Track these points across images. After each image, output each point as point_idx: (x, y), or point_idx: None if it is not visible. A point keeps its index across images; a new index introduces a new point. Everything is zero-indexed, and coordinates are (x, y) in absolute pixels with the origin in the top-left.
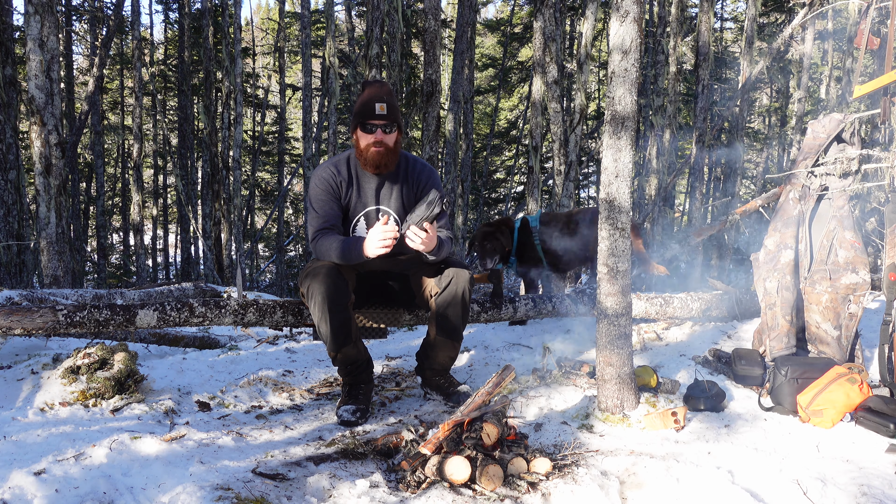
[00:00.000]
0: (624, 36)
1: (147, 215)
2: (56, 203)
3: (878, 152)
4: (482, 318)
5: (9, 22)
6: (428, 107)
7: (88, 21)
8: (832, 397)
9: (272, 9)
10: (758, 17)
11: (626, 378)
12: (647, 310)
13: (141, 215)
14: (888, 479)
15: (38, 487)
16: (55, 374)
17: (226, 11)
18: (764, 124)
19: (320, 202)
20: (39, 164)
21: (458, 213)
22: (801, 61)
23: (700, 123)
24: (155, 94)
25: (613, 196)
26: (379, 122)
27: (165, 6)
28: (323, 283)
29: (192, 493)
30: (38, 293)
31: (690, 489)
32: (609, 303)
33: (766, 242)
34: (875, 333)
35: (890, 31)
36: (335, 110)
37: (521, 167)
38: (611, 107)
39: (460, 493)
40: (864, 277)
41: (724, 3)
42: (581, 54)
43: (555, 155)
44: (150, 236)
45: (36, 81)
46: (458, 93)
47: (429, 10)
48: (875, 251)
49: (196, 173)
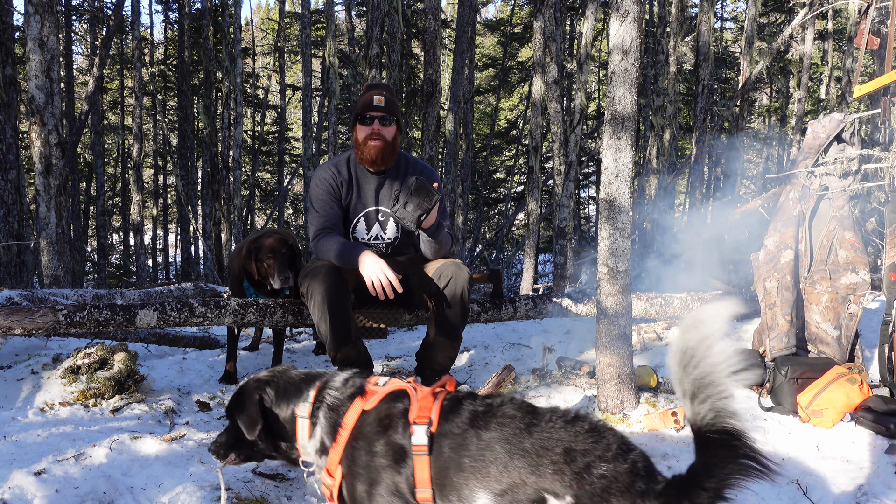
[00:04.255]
0: (624, 36)
1: (147, 215)
2: (56, 203)
3: (878, 152)
4: (482, 318)
5: (9, 22)
6: (428, 107)
7: (88, 21)
8: (832, 397)
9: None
10: (758, 17)
11: (626, 378)
12: (647, 310)
13: (141, 215)
14: (888, 479)
15: (38, 487)
16: (55, 374)
17: (226, 11)
18: (764, 124)
19: (321, 202)
20: (39, 164)
21: (458, 213)
22: (801, 61)
23: (700, 123)
24: (155, 94)
25: (613, 196)
26: (377, 113)
27: (165, 6)
28: (323, 282)
29: (192, 493)
30: (38, 293)
31: None
32: (609, 303)
33: (766, 242)
34: (875, 333)
35: (890, 31)
36: (335, 110)
37: (521, 167)
38: (611, 107)
39: None
40: (864, 277)
41: (724, 3)
42: (581, 54)
43: (555, 155)
44: (150, 236)
45: (36, 81)
46: (458, 93)
47: (429, 10)
48: (875, 251)
49: (196, 173)
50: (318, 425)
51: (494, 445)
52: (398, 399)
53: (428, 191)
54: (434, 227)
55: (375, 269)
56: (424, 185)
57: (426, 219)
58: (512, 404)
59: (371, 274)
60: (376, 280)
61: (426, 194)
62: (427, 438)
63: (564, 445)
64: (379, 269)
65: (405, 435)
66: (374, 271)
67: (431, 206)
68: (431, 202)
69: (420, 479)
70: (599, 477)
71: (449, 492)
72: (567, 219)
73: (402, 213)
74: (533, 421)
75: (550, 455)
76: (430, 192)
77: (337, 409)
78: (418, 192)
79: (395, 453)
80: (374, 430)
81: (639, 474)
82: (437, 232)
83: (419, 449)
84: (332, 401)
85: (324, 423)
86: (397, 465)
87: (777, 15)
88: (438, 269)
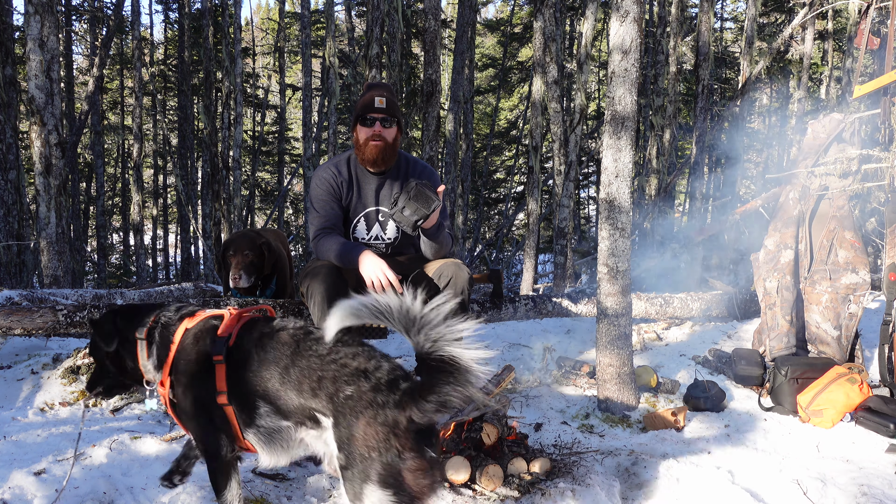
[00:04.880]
0: (624, 36)
1: (147, 215)
2: (56, 203)
3: (878, 152)
4: (482, 318)
5: (9, 22)
6: (428, 107)
7: (88, 21)
8: (832, 397)
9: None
10: (758, 17)
11: (626, 378)
12: (647, 310)
13: (141, 215)
14: (888, 479)
15: (38, 487)
16: (55, 374)
17: (226, 11)
18: (764, 124)
19: (321, 202)
20: (39, 164)
21: (458, 213)
22: (801, 61)
23: (700, 123)
24: (155, 94)
25: (613, 196)
26: (378, 115)
27: (165, 6)
28: (323, 282)
29: (193, 492)
30: (38, 293)
31: (690, 489)
32: (609, 303)
33: (766, 242)
34: (875, 333)
35: (890, 31)
36: (335, 110)
37: (521, 167)
38: (611, 107)
39: (460, 493)
40: (864, 277)
41: (724, 3)
42: (581, 54)
43: (555, 155)
44: (150, 236)
45: (36, 81)
46: (458, 93)
47: (429, 10)
48: (875, 251)
49: (196, 173)
50: (154, 344)
51: (270, 366)
52: (214, 319)
53: (427, 196)
54: (434, 227)
55: (375, 269)
56: (423, 191)
57: (425, 222)
58: (288, 331)
59: (371, 274)
60: (376, 280)
61: (424, 200)
62: (225, 350)
63: (318, 374)
64: (379, 270)
65: (212, 346)
66: (374, 272)
67: (430, 211)
68: (430, 208)
69: (219, 385)
70: (346, 398)
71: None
72: (567, 219)
73: (399, 217)
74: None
75: (308, 381)
76: (428, 198)
77: (168, 327)
78: (417, 197)
79: (204, 362)
80: (191, 343)
81: (380, 389)
82: (438, 232)
83: (218, 358)
84: (166, 321)
85: (158, 341)
86: (205, 372)
87: (777, 15)
88: (438, 269)
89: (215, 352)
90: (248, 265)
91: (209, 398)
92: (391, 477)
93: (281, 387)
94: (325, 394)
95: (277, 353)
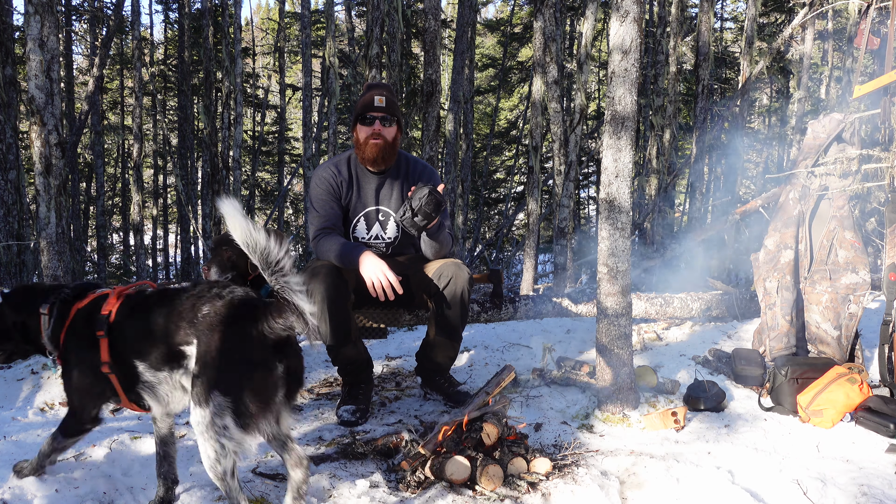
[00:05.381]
0: (624, 36)
1: (147, 215)
2: (56, 203)
3: (878, 152)
4: (482, 318)
5: (9, 22)
6: (428, 107)
7: (88, 21)
8: (832, 397)
9: (272, 9)
10: (758, 17)
11: (626, 378)
12: (647, 310)
13: (141, 215)
14: (888, 479)
15: (38, 487)
16: (55, 374)
17: (226, 11)
18: (764, 124)
19: (321, 202)
20: (39, 164)
21: (458, 213)
22: (801, 61)
23: (700, 123)
24: (155, 94)
25: (613, 196)
26: (378, 113)
27: (165, 6)
28: (323, 282)
29: (193, 492)
30: None
31: (690, 489)
32: (609, 303)
33: (766, 242)
34: (875, 333)
35: (890, 31)
36: (335, 110)
37: (521, 167)
38: (611, 107)
39: (460, 493)
40: (864, 277)
41: (724, 3)
42: (581, 54)
43: (555, 155)
44: (150, 236)
45: (36, 81)
46: (458, 93)
47: (429, 10)
48: (875, 251)
49: (196, 173)
50: (52, 319)
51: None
52: (101, 299)
53: (438, 203)
54: (435, 227)
55: (375, 269)
56: (436, 198)
57: (429, 224)
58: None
59: (371, 275)
60: (376, 281)
61: (436, 207)
62: (106, 327)
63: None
64: (379, 270)
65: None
66: (374, 272)
67: (438, 216)
68: (439, 213)
69: (103, 357)
70: (203, 316)
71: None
72: (567, 219)
73: (409, 223)
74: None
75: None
76: (439, 205)
77: (65, 305)
78: (429, 205)
79: (89, 338)
80: (80, 321)
81: (233, 305)
82: (438, 232)
83: (100, 334)
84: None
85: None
86: (89, 347)
87: (777, 15)
88: (438, 269)
89: (98, 329)
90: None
91: (91, 368)
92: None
93: (153, 342)
94: (186, 322)
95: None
